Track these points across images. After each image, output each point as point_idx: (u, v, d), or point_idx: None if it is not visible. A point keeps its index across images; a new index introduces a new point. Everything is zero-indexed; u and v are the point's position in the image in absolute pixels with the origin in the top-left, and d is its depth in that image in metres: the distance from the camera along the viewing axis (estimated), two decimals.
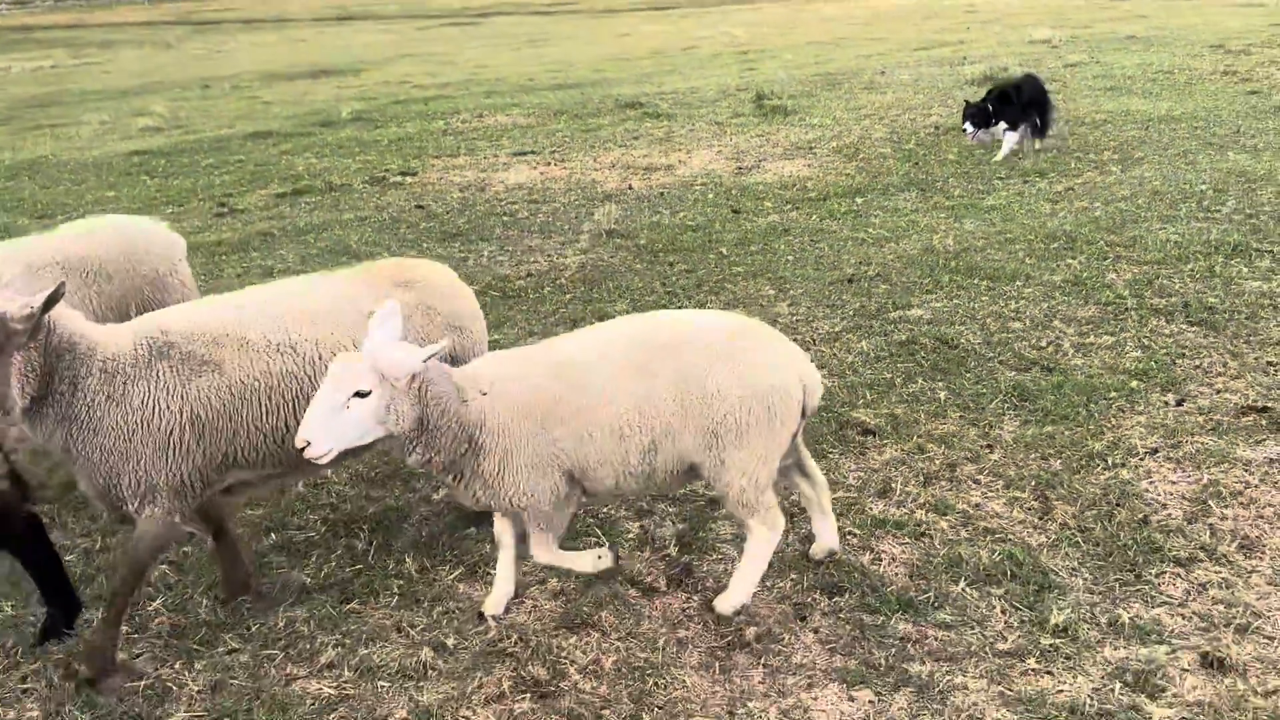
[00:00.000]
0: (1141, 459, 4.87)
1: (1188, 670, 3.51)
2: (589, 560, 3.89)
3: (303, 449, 3.33)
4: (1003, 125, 10.95)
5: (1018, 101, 10.89)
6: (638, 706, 3.55)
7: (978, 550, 4.24)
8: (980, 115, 10.99)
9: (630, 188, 11.48)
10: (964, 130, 11.16)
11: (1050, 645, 3.67)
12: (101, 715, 3.64)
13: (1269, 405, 5.26)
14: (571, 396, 3.67)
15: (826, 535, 4.22)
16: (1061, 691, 3.45)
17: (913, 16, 32.55)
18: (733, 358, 3.75)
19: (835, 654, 3.74)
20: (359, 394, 3.36)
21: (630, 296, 7.81)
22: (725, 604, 3.96)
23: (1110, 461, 4.86)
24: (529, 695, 3.64)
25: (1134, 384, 5.61)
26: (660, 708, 3.55)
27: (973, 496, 4.68)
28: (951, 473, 4.89)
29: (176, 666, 3.88)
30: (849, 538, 4.41)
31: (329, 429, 3.34)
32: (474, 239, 9.83)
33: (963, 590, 4.02)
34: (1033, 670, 3.56)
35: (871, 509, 4.63)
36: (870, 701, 3.49)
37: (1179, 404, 5.35)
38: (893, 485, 4.81)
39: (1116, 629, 3.73)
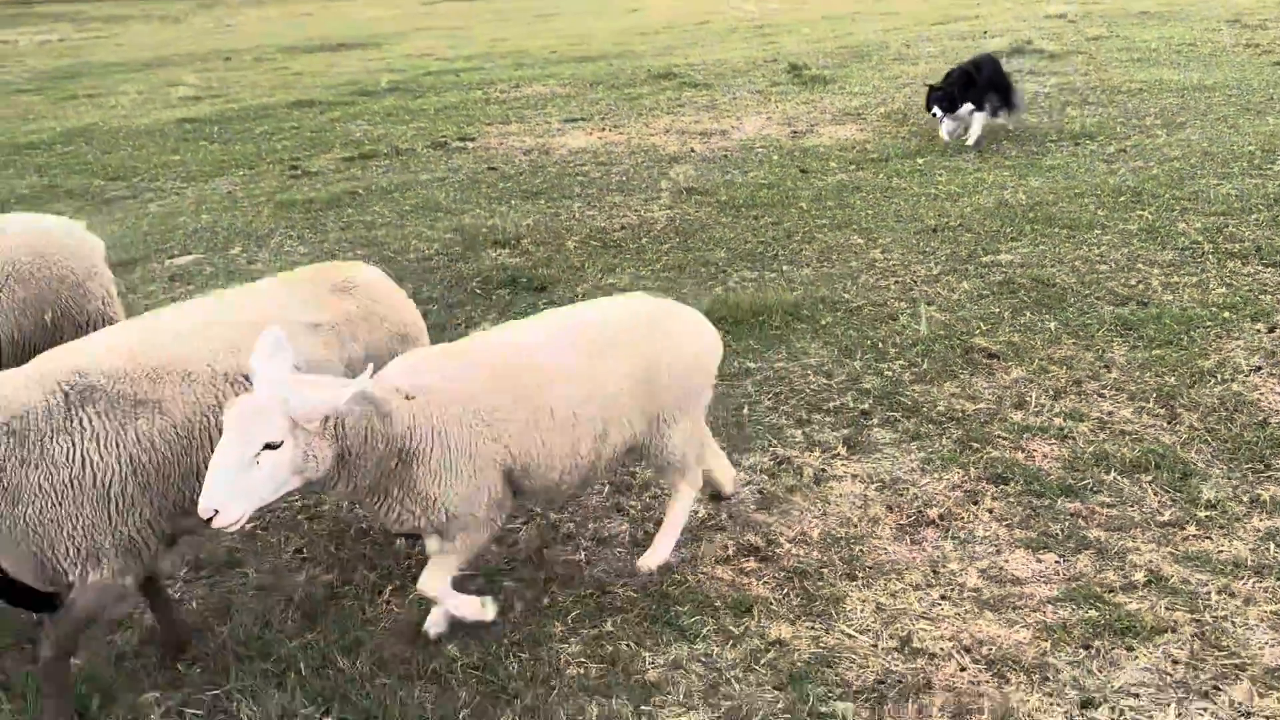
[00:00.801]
0: (1247, 375, 5.44)
1: None
2: (473, 606, 3.67)
3: (209, 518, 2.92)
4: (969, 106, 10.73)
5: (979, 81, 10.71)
6: (850, 568, 4.10)
7: (1120, 447, 4.81)
8: (946, 98, 10.69)
9: (693, 151, 11.96)
10: (932, 115, 10.86)
11: (1205, 517, 4.24)
12: None
13: None
14: (516, 389, 3.52)
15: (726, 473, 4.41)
16: (1222, 552, 4.02)
17: None
18: (669, 334, 3.89)
19: (1013, 528, 4.29)
20: (269, 446, 2.96)
21: (726, 246, 8.32)
22: (650, 561, 4.06)
23: (1220, 377, 5.42)
24: (752, 557, 4.18)
25: (1226, 315, 6.17)
26: (870, 568, 4.10)
27: (1103, 406, 5.23)
28: (1078, 388, 5.44)
29: None
30: (1000, 441, 4.96)
31: (238, 490, 2.93)
32: (556, 197, 10.31)
33: (1115, 478, 4.58)
34: (1194, 536, 4.13)
35: (1012, 417, 5.18)
36: (1056, 561, 4.05)
37: (1271, 331, 5.91)
38: (1027, 399, 5.36)
39: (1259, 505, 4.30)
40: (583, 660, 3.68)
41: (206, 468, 3.07)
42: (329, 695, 3.53)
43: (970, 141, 10.86)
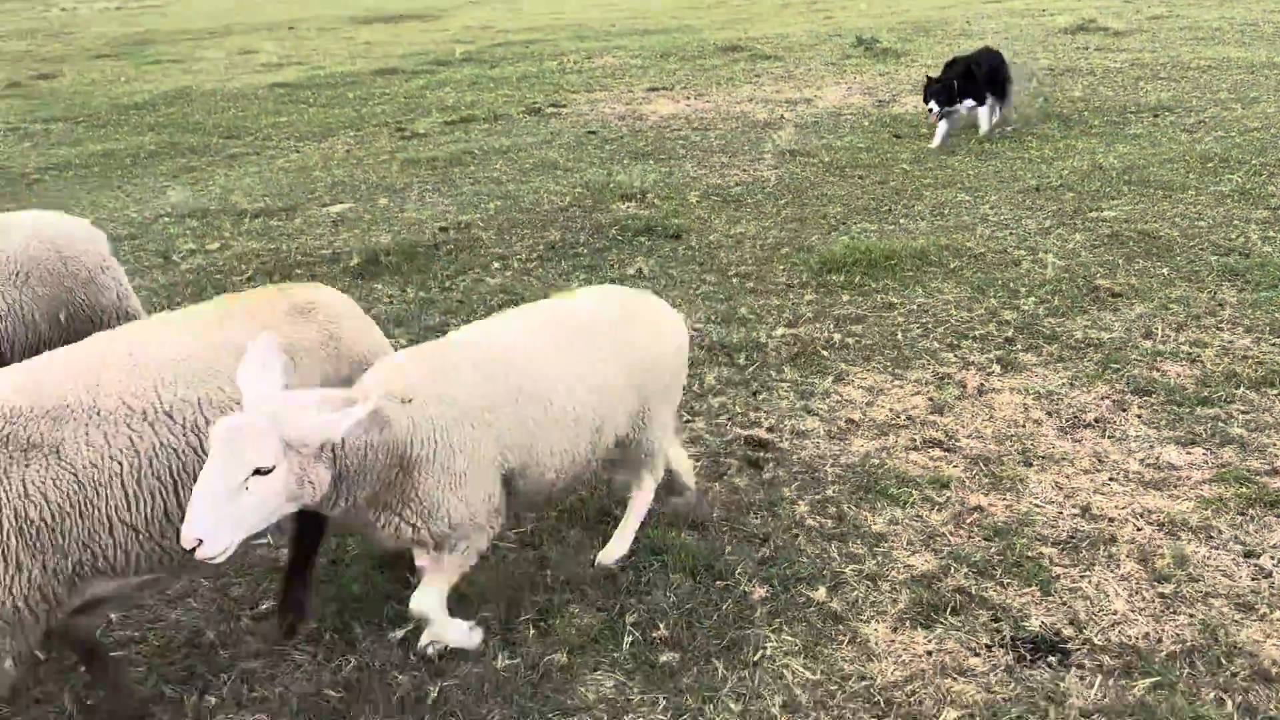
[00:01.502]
0: None
1: None
2: (460, 632, 3.58)
3: (192, 549, 2.67)
4: (969, 102, 10.55)
5: (981, 75, 10.51)
6: (1025, 456, 4.81)
7: (1246, 369, 5.48)
8: (945, 92, 10.37)
9: (783, 118, 12.61)
10: (929, 110, 10.54)
11: None
12: None
13: None
14: (512, 385, 3.38)
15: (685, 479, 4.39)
16: None
17: None
18: (654, 325, 3.90)
19: (1161, 429, 4.99)
20: (260, 471, 2.73)
21: (839, 201, 9.00)
22: (609, 556, 4.08)
23: None
24: (937, 448, 4.90)
25: None
26: (1042, 457, 4.81)
27: (1222, 336, 5.91)
28: (1197, 322, 6.11)
29: None
30: (1136, 363, 5.64)
31: (224, 519, 2.68)
32: (663, 158, 10.99)
33: (1244, 392, 5.26)
34: None
35: (1143, 345, 5.86)
36: (1205, 453, 4.75)
37: None
38: (1153, 331, 6.03)
39: None
40: (815, 516, 4.41)
41: (117, 520, 2.90)
42: None
43: (982, 133, 10.73)
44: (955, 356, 5.87)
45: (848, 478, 4.68)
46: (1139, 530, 4.22)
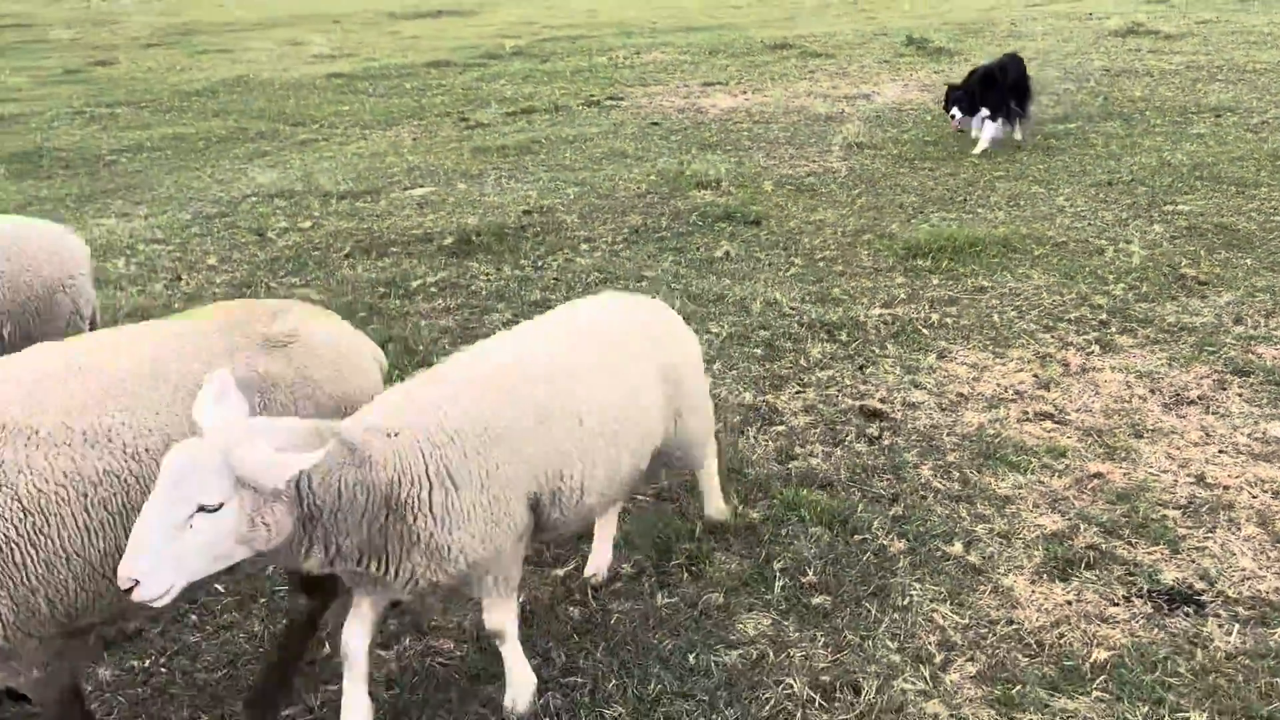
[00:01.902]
0: None
1: None
2: (528, 673, 3.31)
3: (129, 589, 2.41)
4: (985, 112, 10.25)
5: (1002, 83, 10.19)
6: (1134, 430, 4.98)
7: None
8: (967, 100, 10.19)
9: (844, 112, 12.79)
10: (950, 117, 10.41)
11: None
12: None
13: None
14: (536, 402, 3.09)
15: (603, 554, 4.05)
16: None
17: None
18: (672, 327, 3.78)
19: (1263, 407, 5.15)
20: (204, 508, 2.45)
21: (914, 191, 9.18)
22: (719, 513, 4.22)
23: None
24: (1048, 420, 5.08)
25: None
26: (1151, 430, 4.98)
27: None
28: None
29: None
30: (1230, 346, 5.80)
31: (164, 559, 2.42)
32: (731, 149, 11.18)
33: None
34: None
35: (1234, 330, 6.02)
36: None
37: None
38: (1243, 317, 6.19)
39: None
40: (940, 480, 4.60)
41: (59, 556, 2.66)
42: None
43: (977, 151, 10.29)
44: (1052, 338, 6.04)
45: (966, 446, 4.86)
46: (1254, 497, 4.39)
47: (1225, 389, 5.36)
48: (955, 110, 10.33)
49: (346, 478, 2.71)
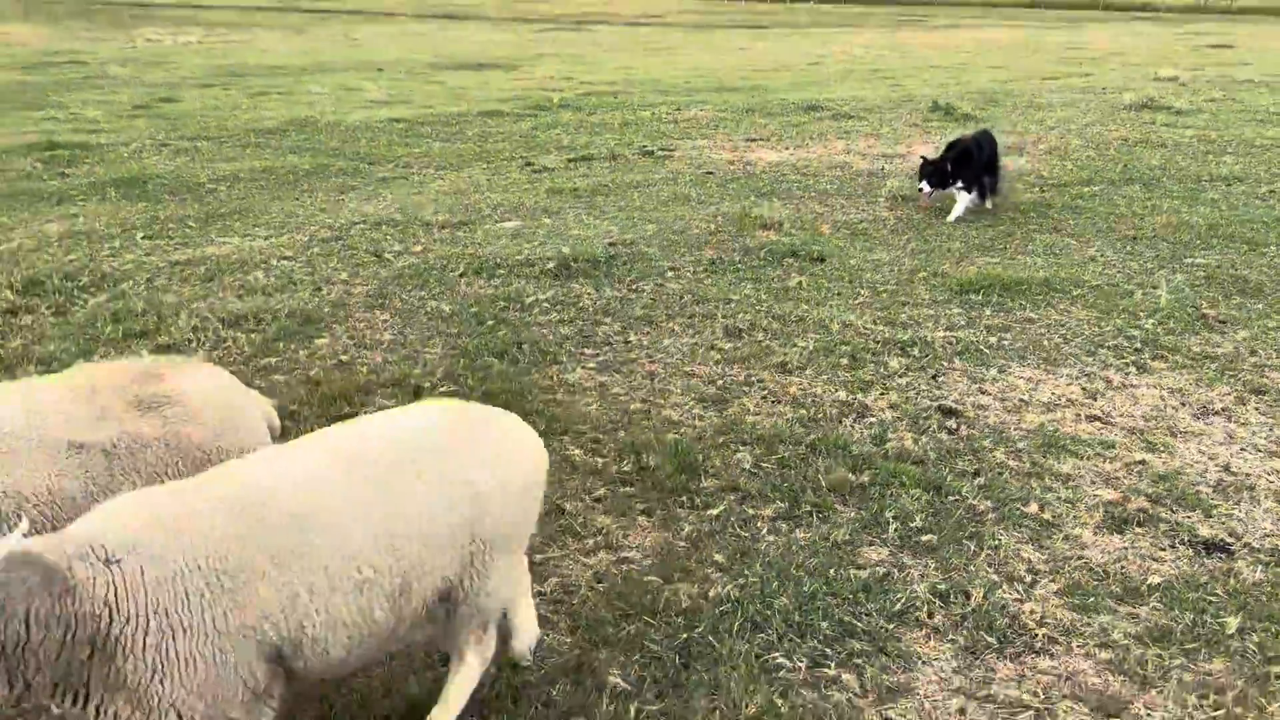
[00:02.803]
0: None
1: None
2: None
3: None
4: (959, 184, 10.77)
5: (978, 159, 10.72)
6: (1171, 431, 5.97)
7: None
8: (939, 175, 10.72)
9: (883, 169, 13.92)
10: (919, 189, 10.90)
11: None
12: None
13: None
14: (272, 537, 2.67)
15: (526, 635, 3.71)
16: None
17: (1018, 50, 34.97)
18: (496, 447, 3.18)
19: (1278, 418, 6.14)
20: None
21: (960, 239, 10.23)
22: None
23: None
24: (1097, 421, 6.06)
25: None
26: (1184, 431, 5.97)
27: None
28: None
29: None
30: (1247, 371, 6.80)
31: None
32: (785, 196, 12.27)
33: None
34: None
35: (1250, 359, 7.02)
36: None
37: None
38: (1258, 350, 7.20)
39: None
40: (1012, 460, 5.57)
41: None
42: None
43: (951, 218, 10.77)
44: (1095, 360, 7.05)
45: (1030, 438, 5.85)
46: (1272, 482, 5.37)
47: (1245, 404, 6.35)
48: (925, 184, 10.86)
49: (37, 609, 2.32)
